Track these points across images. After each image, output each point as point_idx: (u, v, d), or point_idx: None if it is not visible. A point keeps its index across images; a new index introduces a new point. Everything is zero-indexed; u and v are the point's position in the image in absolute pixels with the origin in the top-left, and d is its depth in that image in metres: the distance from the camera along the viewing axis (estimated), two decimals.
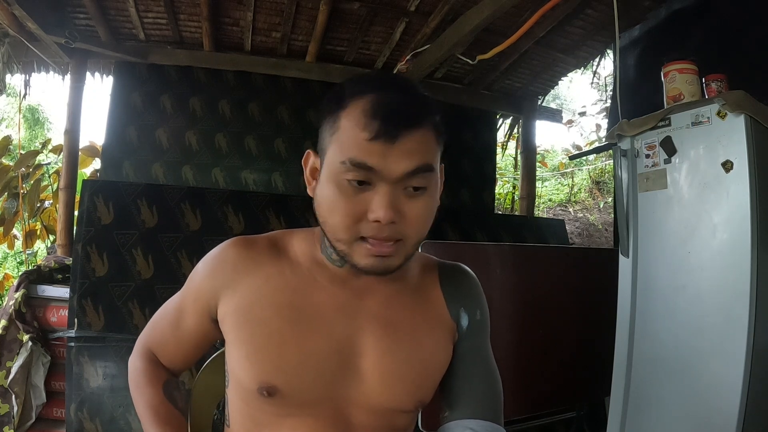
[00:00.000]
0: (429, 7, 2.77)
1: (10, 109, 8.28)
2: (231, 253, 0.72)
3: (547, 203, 6.96)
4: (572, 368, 2.19)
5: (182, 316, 0.76)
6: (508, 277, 2.13)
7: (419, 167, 0.60)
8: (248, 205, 2.57)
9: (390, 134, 0.58)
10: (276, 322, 0.66)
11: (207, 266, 0.73)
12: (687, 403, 1.50)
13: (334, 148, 0.61)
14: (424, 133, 0.61)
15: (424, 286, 0.75)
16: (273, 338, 0.66)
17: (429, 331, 0.71)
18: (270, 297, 0.68)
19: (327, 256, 0.70)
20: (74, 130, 2.89)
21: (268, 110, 3.18)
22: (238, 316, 0.68)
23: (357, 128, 0.59)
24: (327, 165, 0.62)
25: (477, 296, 0.78)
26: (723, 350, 1.42)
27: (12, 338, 2.08)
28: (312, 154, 0.69)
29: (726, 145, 1.45)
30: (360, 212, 0.60)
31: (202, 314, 0.73)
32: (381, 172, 0.59)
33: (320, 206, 0.64)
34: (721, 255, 1.46)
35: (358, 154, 0.58)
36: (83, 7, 2.70)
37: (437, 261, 0.79)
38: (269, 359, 0.65)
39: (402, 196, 0.60)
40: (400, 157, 0.59)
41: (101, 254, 2.21)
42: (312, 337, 0.66)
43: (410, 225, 0.61)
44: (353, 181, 0.59)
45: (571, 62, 3.43)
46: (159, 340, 0.80)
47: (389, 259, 0.62)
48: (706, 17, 2.21)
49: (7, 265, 6.25)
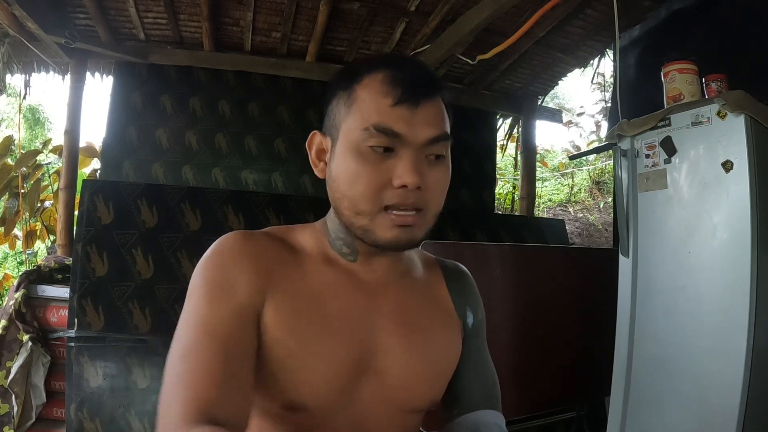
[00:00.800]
0: (429, 7, 2.77)
1: (11, 109, 8.29)
2: (257, 247, 0.63)
3: (547, 203, 6.96)
4: (572, 368, 2.19)
5: (230, 341, 0.55)
6: (508, 277, 2.13)
7: (441, 135, 0.61)
8: (248, 205, 2.57)
9: (412, 100, 0.59)
10: (315, 337, 0.61)
11: (231, 261, 0.60)
12: (687, 403, 1.50)
13: (353, 118, 0.60)
14: (439, 103, 0.62)
15: (431, 284, 0.74)
16: (309, 358, 0.60)
17: (441, 329, 0.71)
18: (304, 301, 0.62)
19: (338, 251, 0.68)
20: (74, 130, 2.90)
21: (268, 110, 3.18)
22: (275, 330, 0.60)
23: (379, 95, 0.59)
24: (345, 136, 0.61)
25: (478, 295, 0.79)
26: (723, 350, 1.42)
27: (12, 338, 2.08)
28: (318, 135, 0.67)
29: (726, 145, 1.45)
30: (384, 180, 0.59)
31: (254, 324, 0.59)
32: (406, 137, 0.58)
33: (337, 180, 0.62)
34: (721, 255, 1.46)
35: (383, 120, 0.58)
36: (83, 7, 2.70)
37: (437, 258, 0.79)
38: (298, 377, 0.60)
39: (424, 163, 0.60)
40: (423, 124, 0.59)
41: (101, 254, 2.21)
42: (338, 346, 0.62)
43: (431, 193, 0.61)
44: (377, 148, 0.58)
45: (571, 62, 3.43)
46: (216, 393, 0.51)
47: (412, 229, 0.61)
48: (706, 17, 2.21)
49: (7, 265, 6.25)
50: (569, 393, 2.23)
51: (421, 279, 0.73)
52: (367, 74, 0.61)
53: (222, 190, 2.78)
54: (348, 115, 0.61)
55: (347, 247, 0.67)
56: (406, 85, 0.59)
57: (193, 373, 0.52)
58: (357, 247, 0.67)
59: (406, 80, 0.59)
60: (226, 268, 0.60)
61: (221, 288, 0.58)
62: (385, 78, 0.60)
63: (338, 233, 0.67)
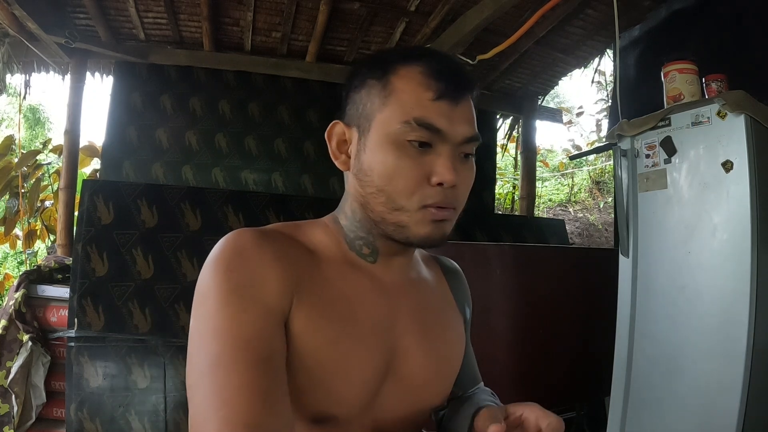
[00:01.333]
0: (429, 7, 2.77)
1: (11, 109, 8.29)
2: (278, 245, 0.58)
3: (547, 203, 6.96)
4: (572, 368, 2.19)
5: (264, 349, 0.50)
6: (508, 277, 2.13)
7: (475, 135, 0.60)
8: (248, 205, 2.57)
9: (454, 95, 0.58)
10: (344, 344, 0.57)
11: (257, 259, 0.55)
12: (687, 403, 1.50)
13: (390, 110, 0.58)
14: (471, 102, 0.61)
15: (437, 282, 0.75)
16: (340, 366, 0.57)
17: (452, 325, 0.72)
18: (332, 308, 0.58)
19: (357, 251, 0.64)
20: (74, 130, 2.90)
21: (268, 110, 3.18)
22: (306, 338, 0.55)
23: (420, 88, 0.57)
24: (380, 127, 0.58)
25: (469, 291, 0.81)
26: (723, 350, 1.42)
27: (12, 338, 2.08)
28: (341, 125, 0.63)
29: (726, 145, 1.45)
30: (423, 176, 0.57)
31: (282, 330, 0.54)
32: (446, 133, 0.57)
33: (370, 174, 0.59)
34: (721, 255, 1.46)
35: (424, 114, 0.57)
36: (83, 7, 2.70)
37: (433, 256, 0.80)
38: (329, 388, 0.56)
39: (458, 161, 0.59)
40: (461, 121, 0.58)
41: (101, 254, 2.21)
42: (367, 353, 0.59)
43: (462, 191, 0.61)
44: (415, 142, 0.57)
45: (571, 62, 3.43)
46: (260, 409, 0.46)
47: (444, 225, 0.60)
48: (706, 17, 2.21)
49: (7, 265, 6.26)
50: (569, 393, 2.23)
51: (429, 278, 0.74)
52: (403, 65, 0.59)
53: (222, 190, 2.78)
54: (384, 106, 0.59)
55: (368, 247, 0.64)
56: (447, 79, 0.58)
57: (230, 388, 0.46)
58: (378, 246, 0.64)
59: (448, 74, 0.58)
60: (248, 269, 0.53)
61: (245, 290, 0.52)
62: (426, 71, 0.58)
63: (358, 232, 0.64)
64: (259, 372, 0.48)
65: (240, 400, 0.46)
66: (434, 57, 0.60)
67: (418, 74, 0.58)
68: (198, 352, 0.50)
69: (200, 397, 0.47)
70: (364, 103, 0.61)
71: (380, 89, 0.59)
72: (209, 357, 0.49)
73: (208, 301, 0.52)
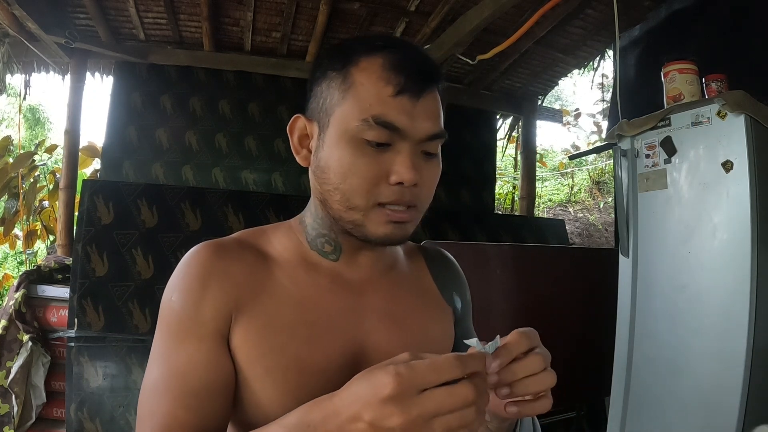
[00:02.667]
0: (429, 7, 2.77)
1: (11, 109, 8.29)
2: (220, 261, 0.59)
3: (547, 203, 6.96)
4: (572, 368, 2.19)
5: (194, 377, 0.54)
6: (508, 277, 2.13)
7: (439, 132, 0.58)
8: (248, 205, 2.57)
9: (414, 90, 0.55)
10: (292, 347, 0.57)
11: (199, 281, 0.58)
12: (687, 403, 1.50)
13: (349, 105, 0.56)
14: (437, 96, 0.59)
15: (416, 273, 0.72)
16: (291, 370, 0.57)
17: (433, 320, 0.69)
18: (278, 315, 0.58)
19: (318, 250, 0.64)
20: (74, 130, 2.90)
21: (268, 110, 3.18)
22: (250, 349, 0.57)
23: (379, 82, 0.55)
24: (338, 124, 0.56)
25: (463, 278, 0.78)
26: (723, 350, 1.42)
27: (12, 338, 2.08)
28: (302, 119, 0.62)
29: (726, 145, 1.45)
30: (380, 174, 0.55)
31: (223, 351, 0.57)
32: (406, 131, 0.55)
33: (327, 172, 0.58)
34: (721, 255, 1.46)
35: (384, 112, 0.54)
36: (83, 7, 2.70)
37: (419, 246, 0.77)
38: (290, 395, 0.56)
39: (420, 159, 0.57)
40: (423, 118, 0.56)
41: (101, 254, 2.21)
42: (328, 355, 0.58)
43: (425, 189, 0.59)
44: (373, 142, 0.55)
45: (571, 62, 3.43)
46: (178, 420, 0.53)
47: (405, 225, 0.58)
48: (706, 17, 2.21)
49: (7, 265, 6.25)
50: (569, 393, 2.22)
51: (407, 270, 0.71)
52: (364, 56, 0.57)
53: (222, 190, 2.78)
54: (343, 101, 0.56)
55: (329, 245, 0.64)
56: (408, 72, 0.55)
57: (157, 415, 0.53)
58: (341, 243, 0.63)
59: (409, 67, 0.55)
60: (190, 295, 0.57)
61: (185, 321, 0.56)
62: (386, 63, 0.55)
63: (320, 229, 0.64)
64: (184, 404, 0.53)
65: (160, 429, 0.52)
66: (397, 48, 0.57)
67: (379, 67, 0.55)
68: (147, 372, 0.57)
69: (139, 414, 0.55)
70: (324, 97, 0.59)
71: (340, 82, 0.57)
72: (149, 381, 0.55)
73: (159, 327, 0.58)
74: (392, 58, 0.56)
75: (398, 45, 0.58)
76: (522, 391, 0.48)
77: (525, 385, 0.47)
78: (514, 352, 0.48)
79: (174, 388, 0.54)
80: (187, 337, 0.56)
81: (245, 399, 0.58)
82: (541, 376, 0.48)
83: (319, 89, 0.60)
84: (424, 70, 0.57)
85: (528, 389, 0.48)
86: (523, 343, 0.49)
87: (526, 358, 0.48)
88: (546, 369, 0.48)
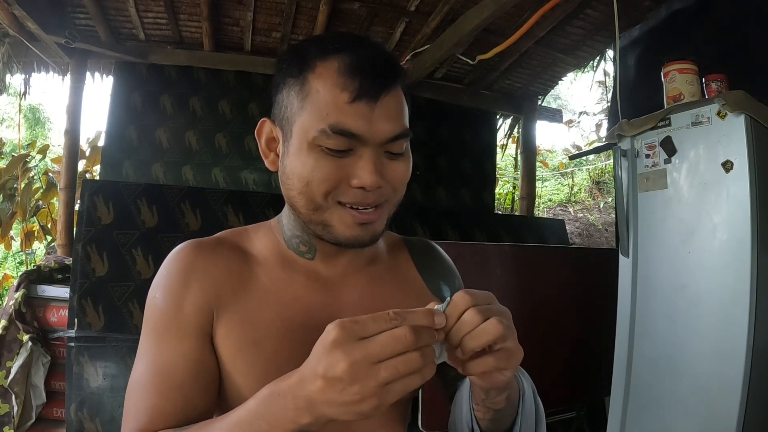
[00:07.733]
0: (429, 7, 2.76)
1: (11, 109, 8.29)
2: (201, 259, 0.61)
3: (547, 203, 6.96)
4: (572, 368, 2.19)
5: (176, 375, 0.57)
6: (508, 277, 2.13)
7: (401, 132, 0.57)
8: (248, 205, 2.57)
9: (371, 94, 0.54)
10: (270, 343, 0.59)
11: (181, 279, 0.60)
12: (687, 403, 1.50)
13: (307, 114, 0.56)
14: (399, 93, 0.58)
15: (399, 266, 0.72)
16: (270, 364, 0.58)
17: None
18: (257, 312, 0.60)
19: (294, 249, 0.65)
20: (74, 130, 2.90)
21: (268, 110, 3.14)
22: (231, 344, 0.59)
23: (335, 89, 0.54)
24: (299, 133, 0.56)
25: (450, 266, 0.77)
26: (723, 350, 1.42)
27: (12, 338, 2.08)
28: (269, 123, 0.63)
29: (726, 145, 1.45)
30: (341, 178, 0.56)
31: (206, 347, 0.59)
32: (365, 137, 0.54)
33: (291, 178, 0.58)
34: (721, 255, 1.46)
35: (340, 120, 0.54)
36: (83, 7, 2.70)
37: (403, 237, 0.77)
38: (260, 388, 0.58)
39: (383, 159, 0.57)
40: (382, 120, 0.55)
41: (101, 254, 2.21)
42: (299, 350, 0.57)
43: (392, 187, 0.59)
44: (333, 150, 0.55)
45: (571, 62, 3.43)
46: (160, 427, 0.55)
47: (373, 226, 0.59)
48: (706, 17, 2.21)
49: (6, 265, 6.25)
50: (569, 393, 2.23)
51: (387, 264, 0.71)
52: (320, 61, 0.56)
53: (222, 190, 2.78)
54: (302, 110, 0.56)
55: (304, 245, 0.64)
56: (364, 75, 0.54)
57: (140, 409, 0.56)
58: (315, 243, 0.64)
59: (365, 70, 0.54)
60: (172, 293, 0.60)
61: (168, 318, 0.59)
62: (341, 67, 0.55)
63: (294, 231, 0.65)
64: (167, 398, 0.56)
65: (145, 420, 0.55)
66: (353, 49, 0.56)
67: (334, 72, 0.55)
68: (133, 368, 0.60)
69: (125, 408, 0.58)
70: (285, 105, 0.59)
71: (298, 90, 0.57)
72: (134, 376, 0.59)
73: (144, 325, 0.61)
74: (348, 61, 0.55)
75: (355, 46, 0.57)
76: (467, 348, 0.46)
77: (466, 342, 0.46)
78: (461, 307, 0.47)
79: (158, 382, 0.56)
80: (170, 333, 0.58)
81: (230, 391, 0.60)
82: (479, 329, 0.46)
83: (280, 96, 0.60)
84: (382, 71, 0.56)
85: (469, 345, 0.46)
86: (466, 299, 0.47)
87: (463, 315, 0.47)
88: (487, 320, 0.46)
